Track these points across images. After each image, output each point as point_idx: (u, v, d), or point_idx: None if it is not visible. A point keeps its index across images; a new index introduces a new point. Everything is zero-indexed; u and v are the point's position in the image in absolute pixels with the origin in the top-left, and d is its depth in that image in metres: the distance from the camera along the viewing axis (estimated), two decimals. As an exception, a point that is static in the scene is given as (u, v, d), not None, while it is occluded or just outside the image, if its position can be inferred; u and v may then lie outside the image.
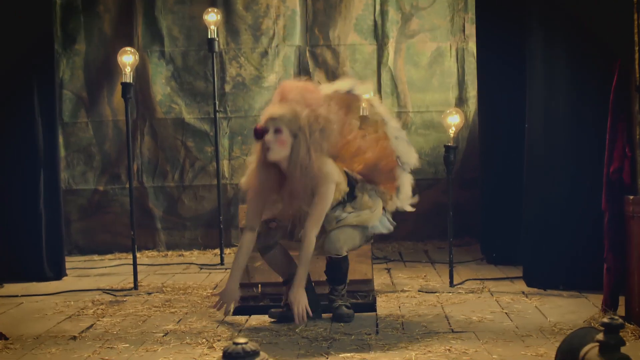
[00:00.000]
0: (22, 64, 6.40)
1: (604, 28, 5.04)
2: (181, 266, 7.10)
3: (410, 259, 7.12)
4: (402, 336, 4.37)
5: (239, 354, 2.91)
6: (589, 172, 5.29)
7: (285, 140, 4.61)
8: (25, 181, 6.48)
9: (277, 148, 4.60)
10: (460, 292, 5.52)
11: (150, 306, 5.33)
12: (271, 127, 4.61)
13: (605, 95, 4.79)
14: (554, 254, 5.55)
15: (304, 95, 4.74)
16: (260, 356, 2.93)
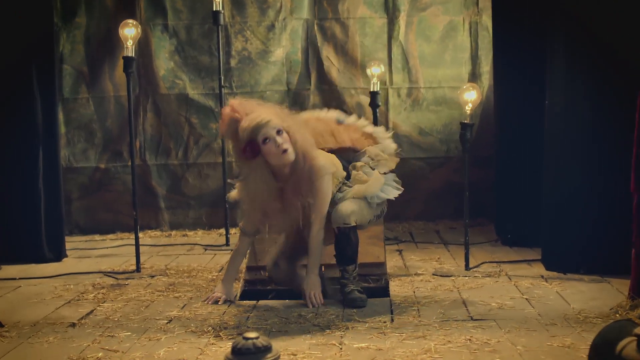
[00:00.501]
0: (20, 38, 6.14)
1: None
2: (185, 247, 6.88)
3: (422, 239, 6.89)
4: (419, 324, 4.14)
5: (250, 349, 2.68)
6: (615, 152, 5.05)
7: (288, 138, 4.46)
8: (23, 159, 6.24)
9: (289, 147, 4.45)
10: (476, 275, 5.29)
11: (153, 290, 5.11)
12: (271, 132, 4.42)
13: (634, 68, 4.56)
14: (574, 237, 5.32)
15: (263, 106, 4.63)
16: (272, 352, 2.70)
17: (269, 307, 4.60)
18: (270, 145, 4.42)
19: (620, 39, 4.95)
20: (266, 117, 4.42)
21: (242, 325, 4.20)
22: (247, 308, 4.59)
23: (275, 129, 4.41)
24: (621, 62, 4.97)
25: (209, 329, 4.14)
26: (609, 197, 5.19)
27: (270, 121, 4.41)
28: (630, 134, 4.43)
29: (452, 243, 6.64)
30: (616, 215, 5.13)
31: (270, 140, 4.41)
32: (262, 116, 4.42)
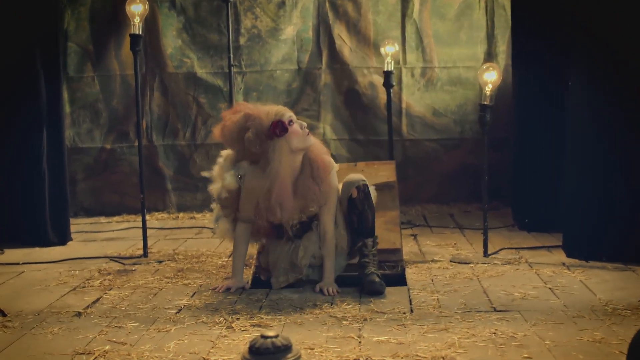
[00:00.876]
0: (24, 15, 5.94)
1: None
2: (193, 230, 6.70)
3: (437, 223, 6.70)
4: (440, 315, 3.96)
5: (269, 349, 2.50)
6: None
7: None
8: (27, 139, 6.05)
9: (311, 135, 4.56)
10: (495, 263, 5.10)
11: (162, 277, 4.93)
12: (294, 116, 4.53)
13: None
14: (596, 224, 5.14)
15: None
16: (293, 352, 2.52)
17: (282, 296, 4.42)
18: (296, 126, 4.47)
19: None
20: (277, 108, 4.54)
21: (254, 315, 4.02)
22: (259, 297, 4.41)
23: (294, 116, 4.52)
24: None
25: (220, 319, 3.96)
26: (632, 183, 5.00)
27: (288, 110, 4.55)
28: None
29: (467, 227, 6.46)
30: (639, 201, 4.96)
31: (294, 122, 4.47)
32: (281, 107, 4.56)
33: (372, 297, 4.34)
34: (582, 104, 5.12)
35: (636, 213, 5.01)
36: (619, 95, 4.97)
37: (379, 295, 4.36)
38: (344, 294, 4.41)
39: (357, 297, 4.34)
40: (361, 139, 7.51)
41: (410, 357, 3.35)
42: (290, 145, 4.45)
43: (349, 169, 5.31)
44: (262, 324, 3.85)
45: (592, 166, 5.12)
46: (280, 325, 3.85)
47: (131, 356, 3.44)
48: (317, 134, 7.40)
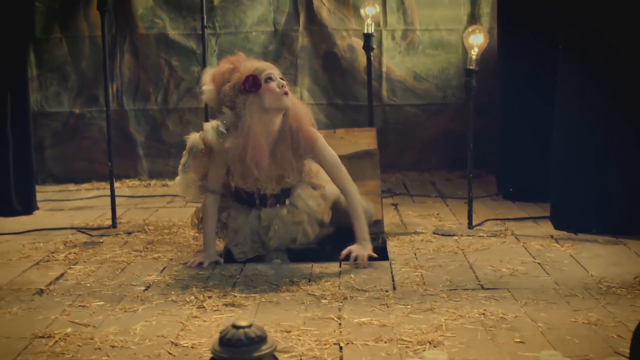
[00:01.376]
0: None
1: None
2: (165, 199, 6.44)
3: (418, 192, 6.48)
4: (425, 294, 3.73)
5: (241, 341, 2.25)
6: (630, 104, 4.63)
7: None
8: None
9: (290, 94, 4.28)
10: (481, 235, 4.88)
11: (130, 250, 4.68)
12: (275, 74, 4.26)
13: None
14: (586, 194, 4.93)
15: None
16: (268, 343, 2.27)
17: (258, 271, 4.18)
18: (272, 84, 4.20)
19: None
20: (266, 64, 4.31)
21: (228, 293, 3.77)
22: (232, 272, 4.17)
23: (279, 76, 4.26)
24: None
25: (191, 298, 3.71)
26: (623, 152, 4.79)
27: (275, 68, 4.29)
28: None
29: (450, 197, 6.24)
30: (631, 171, 4.75)
31: (273, 80, 4.22)
32: (261, 63, 4.32)
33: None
34: (573, 67, 4.88)
35: (627, 183, 4.81)
36: (611, 56, 4.73)
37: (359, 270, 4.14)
38: (322, 270, 4.18)
39: (337, 273, 4.11)
40: (340, 104, 7.26)
41: (394, 342, 3.12)
42: (263, 103, 4.19)
43: (328, 135, 5.05)
44: (236, 303, 3.61)
45: (581, 134, 4.90)
46: (254, 305, 3.61)
47: (94, 340, 3.19)
48: (294, 98, 7.13)
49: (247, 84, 4.17)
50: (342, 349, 3.07)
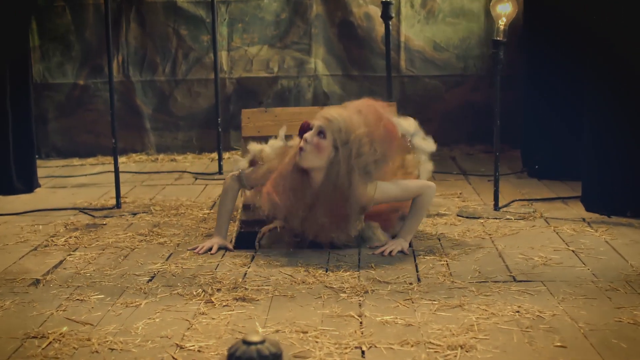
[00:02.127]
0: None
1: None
2: (173, 175, 6.15)
3: (439, 168, 6.12)
4: (452, 287, 3.43)
5: (252, 358, 1.95)
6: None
7: (325, 147, 3.76)
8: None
9: (311, 153, 3.78)
10: (508, 218, 4.57)
11: (134, 234, 4.39)
12: (315, 125, 3.80)
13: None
14: (620, 174, 4.62)
15: (376, 113, 3.92)
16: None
17: (270, 259, 3.88)
18: (295, 140, 3.91)
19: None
20: (331, 115, 3.79)
21: (238, 286, 3.47)
22: (243, 260, 3.87)
23: (320, 127, 3.77)
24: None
25: (198, 291, 3.42)
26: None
27: (328, 120, 3.77)
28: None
29: (472, 174, 5.95)
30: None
31: (308, 132, 3.81)
32: (331, 113, 3.81)
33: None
34: (608, 38, 4.55)
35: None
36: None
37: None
38: (340, 257, 3.88)
39: (355, 263, 3.81)
40: (356, 75, 6.94)
41: (421, 345, 2.82)
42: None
43: (345, 111, 4.74)
44: (247, 298, 3.31)
45: (615, 109, 4.57)
46: (267, 299, 3.31)
47: (91, 342, 2.90)
48: (307, 69, 6.82)
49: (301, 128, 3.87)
50: (364, 353, 2.77)
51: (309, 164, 3.79)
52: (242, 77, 6.97)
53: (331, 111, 3.83)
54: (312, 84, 6.95)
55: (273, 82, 6.97)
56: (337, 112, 3.82)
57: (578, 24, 4.93)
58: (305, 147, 3.75)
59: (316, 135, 3.76)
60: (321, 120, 3.77)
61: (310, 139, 3.75)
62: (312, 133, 3.77)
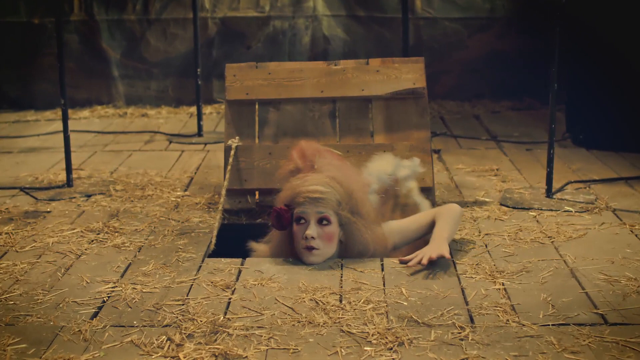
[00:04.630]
0: None
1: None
2: (142, 137, 5.12)
3: (463, 131, 5.16)
4: (521, 333, 2.42)
5: None
6: None
7: (334, 233, 2.97)
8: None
9: (324, 246, 2.95)
10: (567, 210, 3.57)
11: (84, 228, 3.37)
12: (311, 213, 2.93)
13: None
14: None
15: (342, 169, 3.11)
16: None
17: (263, 277, 2.86)
18: (300, 228, 2.96)
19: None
20: (321, 190, 2.92)
21: (217, 326, 2.46)
22: (226, 278, 2.85)
23: (320, 214, 2.92)
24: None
25: (161, 338, 2.40)
26: None
27: (322, 199, 2.92)
28: None
29: (505, 140, 4.93)
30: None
31: (304, 222, 2.93)
32: (317, 185, 2.93)
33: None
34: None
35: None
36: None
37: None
38: (357, 275, 2.86)
39: (379, 282, 2.79)
40: (362, 15, 5.90)
41: None
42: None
43: (359, 68, 3.71)
44: (230, 355, 2.30)
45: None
46: (259, 356, 2.30)
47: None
48: (305, 8, 5.74)
49: (272, 219, 2.99)
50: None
51: (321, 258, 2.97)
52: (226, 16, 5.91)
53: (311, 183, 2.94)
54: (310, 26, 5.89)
55: (264, 24, 5.91)
56: (318, 181, 2.95)
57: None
58: (315, 244, 2.92)
59: (319, 226, 2.93)
60: (313, 204, 2.90)
61: (317, 234, 2.92)
62: (312, 227, 2.92)
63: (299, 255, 2.98)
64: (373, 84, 3.66)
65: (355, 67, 3.72)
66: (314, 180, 2.95)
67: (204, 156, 4.64)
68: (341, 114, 3.70)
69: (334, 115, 3.70)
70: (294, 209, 2.94)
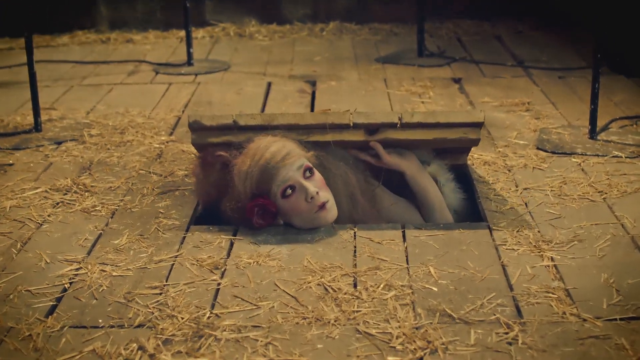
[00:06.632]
0: None
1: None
2: (126, 67, 4.61)
3: (484, 57, 4.63)
4: (583, 333, 1.92)
5: None
6: None
7: (322, 178, 2.49)
8: None
9: (329, 194, 2.47)
10: (616, 155, 3.04)
11: (50, 187, 2.86)
12: (294, 174, 2.42)
13: None
14: None
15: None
16: None
17: (260, 251, 2.36)
18: (294, 198, 2.43)
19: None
20: (280, 146, 2.45)
21: (202, 331, 1.96)
22: (215, 254, 2.35)
23: (301, 167, 2.45)
24: None
25: (131, 346, 1.90)
26: None
27: (289, 152, 2.45)
28: None
29: (533, 66, 4.39)
30: None
31: (295, 189, 2.42)
32: (271, 146, 2.44)
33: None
34: None
35: None
36: None
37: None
38: (374, 248, 2.35)
39: (401, 257, 2.29)
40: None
41: None
42: (294, 224, 2.50)
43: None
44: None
45: None
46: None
47: None
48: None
49: (256, 219, 2.44)
50: None
51: (335, 211, 2.47)
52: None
53: (264, 150, 2.44)
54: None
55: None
56: (266, 144, 2.46)
57: None
58: (323, 197, 2.44)
59: (310, 180, 2.44)
60: (287, 164, 2.42)
61: (318, 186, 2.44)
62: (307, 184, 2.43)
63: (314, 224, 2.46)
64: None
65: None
66: (262, 147, 2.43)
67: (194, 90, 4.11)
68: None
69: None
70: (272, 190, 2.42)
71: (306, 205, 2.41)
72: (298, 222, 2.46)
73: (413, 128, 2.61)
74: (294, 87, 4.20)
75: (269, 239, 2.43)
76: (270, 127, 2.58)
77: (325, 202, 2.42)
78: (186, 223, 2.55)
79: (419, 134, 2.62)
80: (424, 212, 2.69)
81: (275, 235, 2.44)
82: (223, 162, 2.51)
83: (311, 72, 4.53)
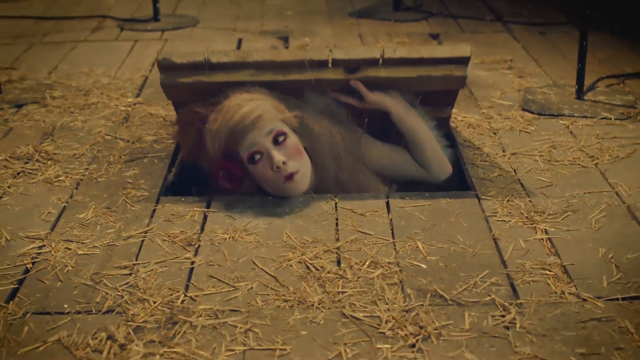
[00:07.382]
0: None
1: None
2: (90, 23, 4.41)
3: (462, 11, 4.46)
4: (584, 315, 1.80)
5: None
6: None
7: (296, 144, 2.33)
8: None
9: (300, 164, 2.30)
10: (605, 116, 2.92)
11: (10, 155, 2.70)
12: (263, 140, 2.28)
13: None
14: None
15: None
16: None
17: (235, 225, 2.21)
18: (261, 165, 2.29)
19: None
20: (252, 108, 2.29)
21: (175, 317, 1.82)
22: (188, 225, 2.20)
23: (271, 132, 2.29)
24: None
25: (99, 335, 1.75)
26: None
27: (260, 115, 2.29)
28: None
29: (513, 21, 4.25)
30: None
31: (262, 155, 2.28)
32: (243, 108, 2.28)
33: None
34: None
35: None
36: None
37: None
38: (357, 220, 2.22)
39: (386, 230, 2.15)
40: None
41: None
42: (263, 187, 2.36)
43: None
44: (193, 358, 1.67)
45: None
46: None
47: None
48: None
49: (222, 181, 2.32)
50: None
51: (308, 177, 2.34)
52: None
53: (234, 111, 2.28)
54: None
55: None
56: (238, 104, 2.30)
57: None
58: (292, 167, 2.29)
59: (279, 147, 2.29)
60: (256, 128, 2.27)
61: (286, 155, 2.28)
62: (274, 151, 2.27)
63: (282, 194, 2.32)
64: None
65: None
66: (233, 106, 2.28)
67: (161, 47, 3.93)
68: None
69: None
70: (240, 152, 2.27)
71: (272, 174, 2.27)
72: (267, 188, 2.33)
73: (396, 65, 2.47)
74: (266, 44, 4.03)
75: (245, 211, 2.28)
76: (244, 65, 2.43)
77: (294, 172, 2.27)
78: (156, 194, 2.40)
79: (402, 71, 2.48)
80: (414, 153, 2.55)
81: (251, 208, 2.30)
82: (200, 118, 2.36)
83: (283, 28, 4.36)
